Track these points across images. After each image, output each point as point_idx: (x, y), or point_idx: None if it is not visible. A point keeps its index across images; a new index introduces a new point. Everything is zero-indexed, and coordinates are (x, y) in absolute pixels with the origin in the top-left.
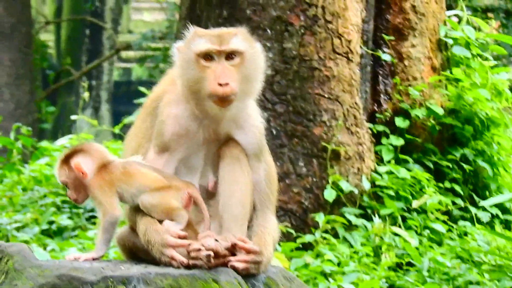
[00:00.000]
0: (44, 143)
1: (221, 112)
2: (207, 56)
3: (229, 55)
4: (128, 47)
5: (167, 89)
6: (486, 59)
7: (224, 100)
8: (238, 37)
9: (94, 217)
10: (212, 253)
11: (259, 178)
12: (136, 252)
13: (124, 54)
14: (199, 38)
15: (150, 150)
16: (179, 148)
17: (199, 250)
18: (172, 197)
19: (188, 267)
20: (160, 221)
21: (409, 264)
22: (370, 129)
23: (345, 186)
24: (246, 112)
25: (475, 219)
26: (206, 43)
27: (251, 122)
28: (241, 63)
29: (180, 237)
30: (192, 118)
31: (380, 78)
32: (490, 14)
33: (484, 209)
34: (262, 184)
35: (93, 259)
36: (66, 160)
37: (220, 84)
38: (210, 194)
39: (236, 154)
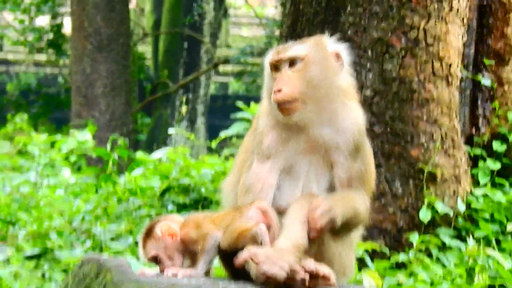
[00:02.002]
0: (140, 154)
1: (289, 119)
2: (275, 67)
3: (292, 62)
4: (225, 61)
5: (263, 101)
6: None
7: (283, 108)
8: (305, 44)
9: None
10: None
11: (351, 176)
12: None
13: (221, 68)
14: (272, 50)
15: (254, 161)
16: (278, 156)
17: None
18: (240, 221)
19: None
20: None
21: (502, 286)
22: (468, 152)
23: (441, 207)
24: (341, 112)
25: None
26: (272, 54)
27: (347, 123)
28: (304, 68)
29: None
30: (282, 127)
31: (479, 102)
32: None
33: None
34: (354, 181)
35: (191, 276)
36: (150, 232)
37: (276, 92)
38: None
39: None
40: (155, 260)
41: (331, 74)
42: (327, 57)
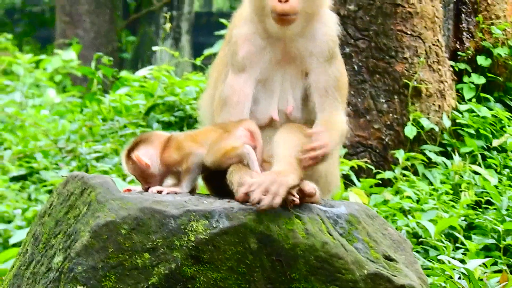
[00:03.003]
0: (124, 73)
1: (282, 30)
2: None
3: None
4: None
5: (239, 12)
6: None
7: (283, 19)
8: None
9: None
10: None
11: (328, 82)
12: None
13: None
14: None
15: (229, 73)
16: (254, 67)
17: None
18: (227, 140)
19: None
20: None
21: (488, 202)
22: (452, 67)
23: (426, 123)
24: (317, 23)
25: None
26: None
27: (323, 31)
28: None
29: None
30: (260, 37)
31: (463, 16)
32: None
33: None
34: (330, 88)
35: (176, 193)
36: (129, 155)
37: (280, 1)
38: (289, 119)
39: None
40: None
41: None
42: None
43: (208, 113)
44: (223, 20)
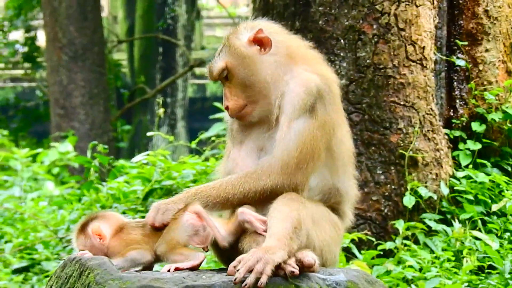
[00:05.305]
0: (121, 162)
1: (247, 122)
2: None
3: (223, 76)
4: (201, 63)
5: None
6: None
7: (237, 117)
8: (221, 53)
9: None
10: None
11: (287, 138)
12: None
13: (198, 70)
14: (206, 69)
15: (231, 148)
16: (248, 138)
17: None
18: (174, 230)
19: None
20: None
21: (491, 267)
22: (447, 134)
23: (424, 192)
24: (290, 82)
25: None
26: (207, 74)
27: (294, 85)
28: (233, 75)
29: None
30: None
31: (455, 83)
32: None
33: None
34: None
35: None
36: (83, 228)
37: (225, 109)
38: None
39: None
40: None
41: (257, 64)
42: (243, 51)
43: None
44: (217, 104)
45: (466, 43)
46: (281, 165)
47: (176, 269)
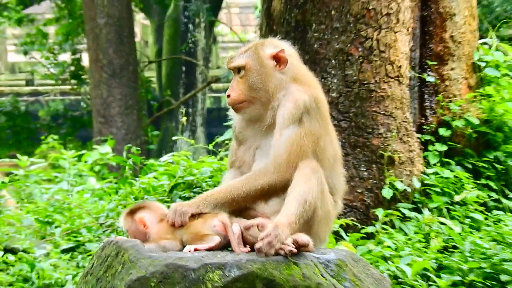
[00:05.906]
0: (151, 161)
1: (240, 115)
2: (232, 72)
3: (238, 70)
4: (217, 80)
5: None
6: None
7: (233, 107)
8: (245, 54)
9: None
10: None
11: (278, 143)
12: None
13: (214, 86)
14: (226, 59)
15: (235, 147)
16: (249, 138)
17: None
18: (202, 227)
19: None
20: None
21: (454, 247)
22: (419, 138)
23: (400, 185)
24: (282, 99)
25: (506, 209)
26: (225, 62)
27: (286, 101)
28: (246, 74)
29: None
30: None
31: (426, 96)
32: None
33: None
34: (280, 148)
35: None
36: (132, 213)
37: (228, 96)
38: None
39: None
40: (127, 231)
41: (269, 76)
42: (263, 61)
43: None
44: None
45: (435, 63)
46: (274, 165)
47: (195, 250)
